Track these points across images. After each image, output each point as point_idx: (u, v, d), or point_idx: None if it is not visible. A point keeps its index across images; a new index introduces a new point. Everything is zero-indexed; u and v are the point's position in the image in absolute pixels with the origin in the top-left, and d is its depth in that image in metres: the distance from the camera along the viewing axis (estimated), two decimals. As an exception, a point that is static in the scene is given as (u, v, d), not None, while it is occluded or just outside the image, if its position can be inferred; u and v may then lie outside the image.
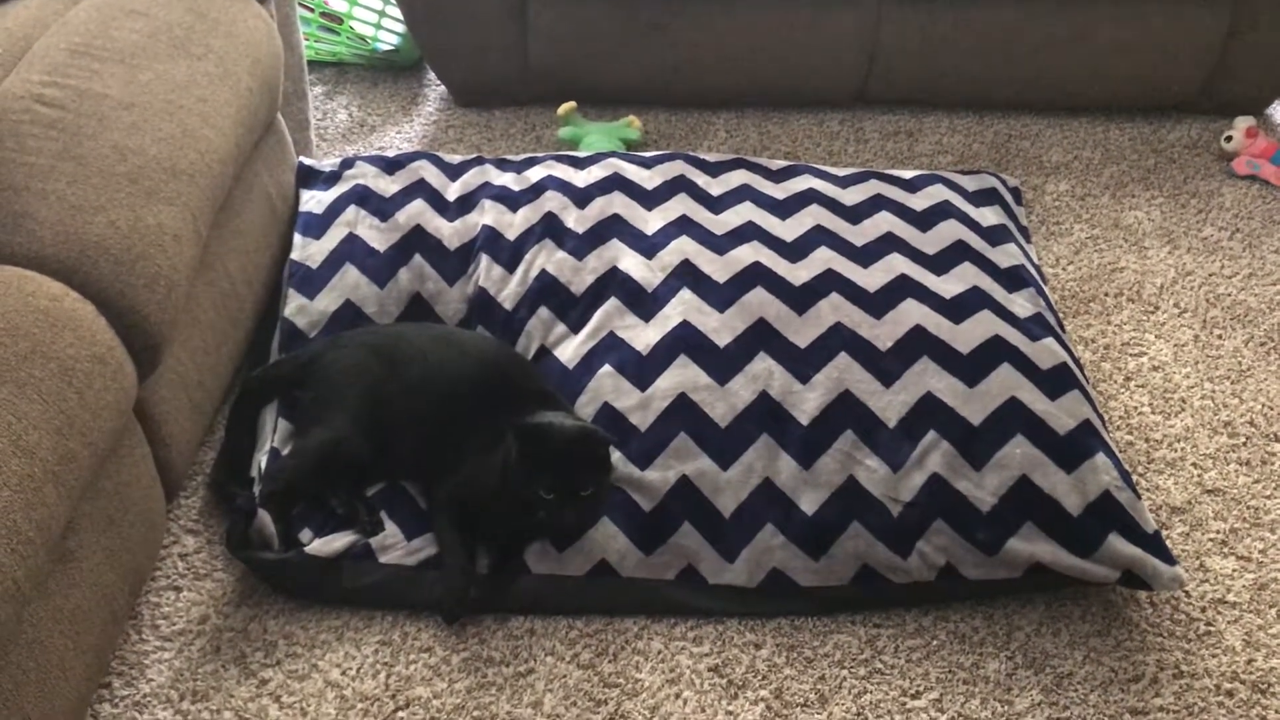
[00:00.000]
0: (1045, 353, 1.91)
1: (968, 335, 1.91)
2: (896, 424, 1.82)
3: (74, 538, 1.52)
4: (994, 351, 1.89)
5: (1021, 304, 2.03)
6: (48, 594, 1.46)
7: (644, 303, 1.99)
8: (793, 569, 1.75)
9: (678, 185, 2.25)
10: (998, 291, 2.03)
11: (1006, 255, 2.15)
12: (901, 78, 2.86)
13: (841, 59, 2.83)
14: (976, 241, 2.15)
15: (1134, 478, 1.95)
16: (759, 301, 1.95)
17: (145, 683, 1.65)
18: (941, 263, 2.08)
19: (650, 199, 2.21)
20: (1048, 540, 1.73)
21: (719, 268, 2.02)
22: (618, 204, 2.18)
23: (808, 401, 1.84)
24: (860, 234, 2.14)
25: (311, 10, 2.98)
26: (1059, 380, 1.87)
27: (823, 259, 2.05)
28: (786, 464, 1.80)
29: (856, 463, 1.79)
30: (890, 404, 1.83)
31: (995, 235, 2.21)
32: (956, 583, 1.75)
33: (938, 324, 1.93)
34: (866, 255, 2.08)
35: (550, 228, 2.14)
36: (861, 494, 1.78)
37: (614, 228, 2.13)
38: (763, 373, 1.87)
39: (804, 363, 1.88)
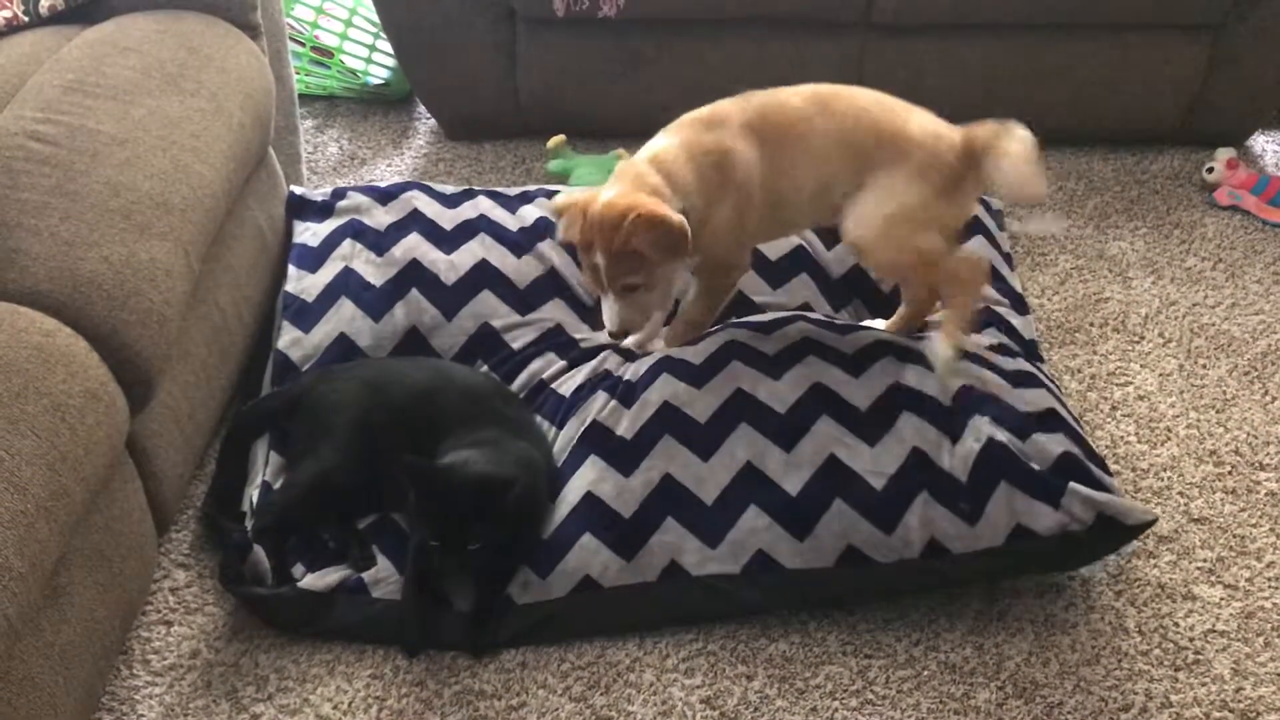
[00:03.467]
0: (1009, 364, 1.99)
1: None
2: (869, 408, 1.86)
3: (65, 573, 1.52)
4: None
5: (984, 341, 2.10)
6: (38, 630, 1.45)
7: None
8: (778, 551, 1.77)
9: None
10: None
11: None
12: (887, 110, 2.89)
13: (827, 91, 2.86)
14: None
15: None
16: (732, 334, 2.00)
17: (136, 718, 1.65)
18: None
19: None
20: (1021, 496, 1.76)
21: None
22: None
23: (781, 393, 1.88)
24: (837, 262, 2.25)
25: (302, 44, 3.00)
26: (1022, 380, 1.95)
27: (801, 292, 2.16)
28: (767, 447, 1.83)
29: (835, 441, 1.83)
30: (860, 390, 1.88)
31: None
32: (943, 559, 1.77)
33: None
34: (834, 295, 2.22)
35: (560, 286, 2.20)
36: (843, 470, 1.80)
37: None
38: (740, 372, 1.92)
39: (775, 364, 1.94)
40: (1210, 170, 2.76)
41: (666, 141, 1.89)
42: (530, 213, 2.30)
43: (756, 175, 1.87)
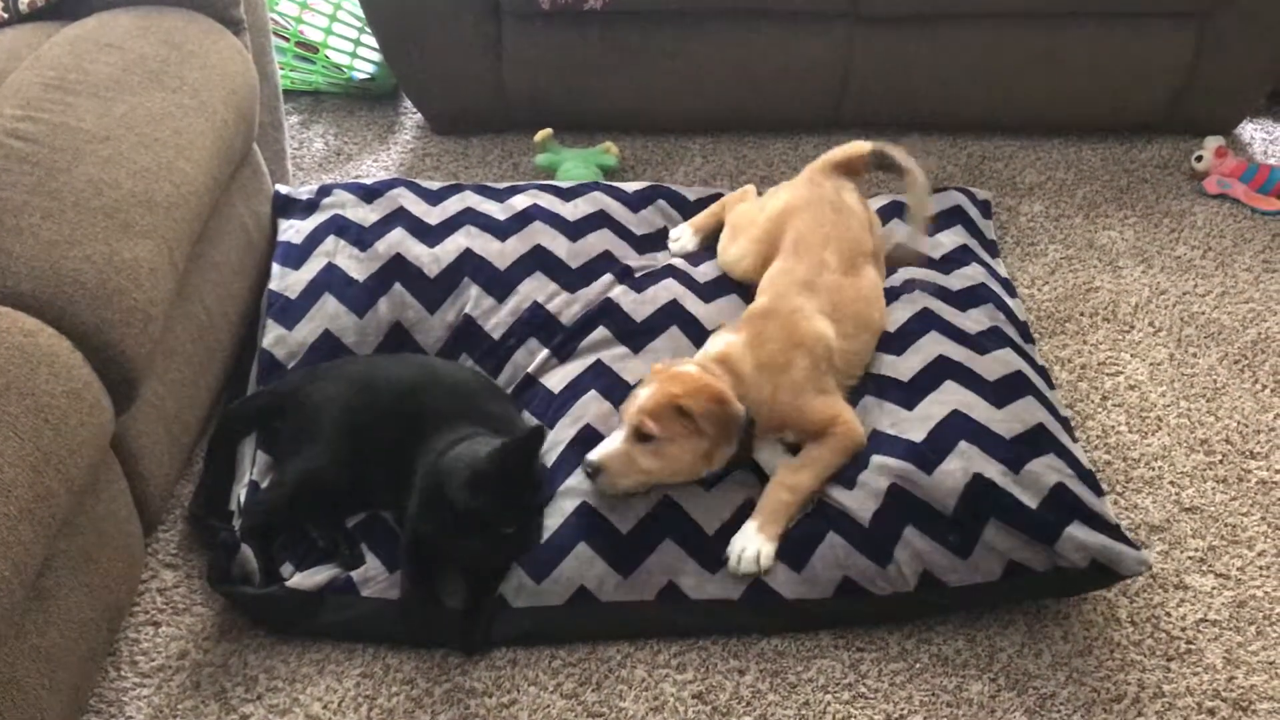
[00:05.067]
0: (996, 364, 1.95)
1: (909, 363, 1.96)
2: None
3: (51, 575, 1.51)
4: (938, 371, 1.93)
5: (976, 320, 2.08)
6: (24, 633, 1.44)
7: (634, 335, 2.04)
8: (776, 580, 1.75)
9: (663, 234, 2.34)
10: (946, 311, 2.08)
11: (961, 278, 2.21)
12: (875, 101, 2.89)
13: (815, 83, 2.85)
14: (926, 274, 2.23)
15: (1112, 497, 1.97)
16: None
17: (124, 721, 1.64)
18: (890, 295, 2.15)
19: (639, 243, 2.29)
20: (1013, 533, 1.73)
21: (704, 312, 2.10)
22: (608, 240, 2.24)
23: None
24: None
25: (287, 39, 2.98)
26: (1009, 389, 1.91)
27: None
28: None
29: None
30: None
31: (949, 261, 2.28)
32: (938, 592, 1.75)
33: (879, 360, 1.99)
34: None
35: (542, 261, 2.17)
36: (832, 505, 1.80)
37: (605, 265, 2.19)
38: None
39: None
40: (1199, 159, 2.76)
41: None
42: (520, 201, 2.30)
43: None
